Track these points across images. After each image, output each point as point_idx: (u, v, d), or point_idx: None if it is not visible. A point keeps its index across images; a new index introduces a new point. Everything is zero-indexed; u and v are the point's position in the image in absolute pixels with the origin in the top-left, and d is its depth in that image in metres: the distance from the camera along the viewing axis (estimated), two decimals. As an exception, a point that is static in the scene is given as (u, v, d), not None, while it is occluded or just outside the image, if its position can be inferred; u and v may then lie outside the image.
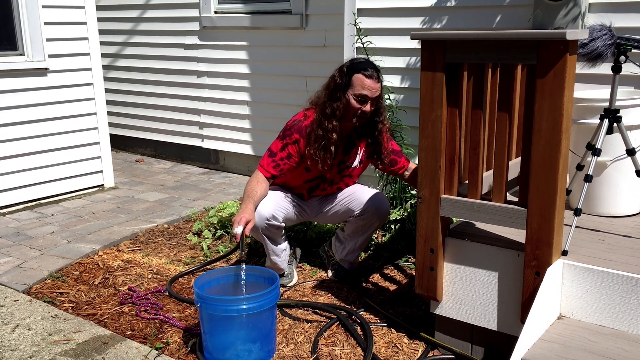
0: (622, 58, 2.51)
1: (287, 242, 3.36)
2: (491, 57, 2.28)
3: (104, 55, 6.27)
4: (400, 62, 4.18)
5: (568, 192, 2.82)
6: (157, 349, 2.74)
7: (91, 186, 5.30)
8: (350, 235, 3.34)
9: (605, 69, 2.77)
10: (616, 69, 2.51)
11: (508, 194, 2.46)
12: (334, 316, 2.99)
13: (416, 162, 2.77)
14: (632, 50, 2.50)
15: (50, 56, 4.87)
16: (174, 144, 6.44)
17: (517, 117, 2.73)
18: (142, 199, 5.05)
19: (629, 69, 3.09)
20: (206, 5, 5.77)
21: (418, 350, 2.70)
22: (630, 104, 2.70)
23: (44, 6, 4.77)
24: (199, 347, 2.72)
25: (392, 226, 3.79)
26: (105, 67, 6.46)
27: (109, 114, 6.45)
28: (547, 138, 2.17)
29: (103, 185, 5.37)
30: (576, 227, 2.51)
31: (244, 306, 2.50)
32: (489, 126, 2.49)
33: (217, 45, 5.81)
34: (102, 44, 6.21)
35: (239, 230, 2.74)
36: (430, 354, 2.68)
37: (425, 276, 2.59)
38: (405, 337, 2.80)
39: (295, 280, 3.44)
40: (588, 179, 2.47)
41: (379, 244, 3.78)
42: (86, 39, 5.09)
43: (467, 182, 2.47)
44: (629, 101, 2.71)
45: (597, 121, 2.59)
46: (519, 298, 2.38)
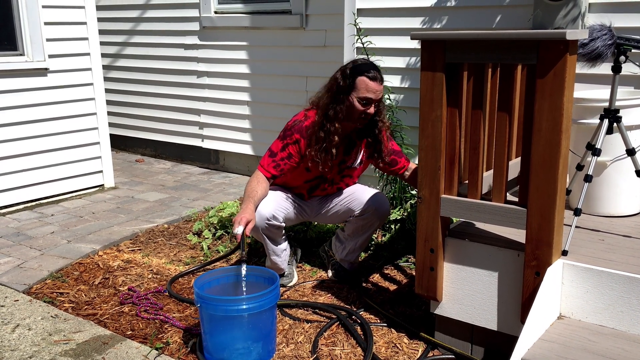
0: (622, 58, 2.51)
1: (287, 242, 3.36)
2: (491, 57, 2.28)
3: (104, 56, 6.27)
4: (400, 62, 4.18)
5: (568, 192, 2.82)
6: (157, 349, 2.74)
7: (91, 186, 5.30)
8: (350, 235, 3.34)
9: (605, 69, 2.77)
10: (616, 69, 2.51)
11: (508, 194, 2.46)
12: (334, 316, 2.99)
13: (416, 162, 2.77)
14: (632, 50, 2.50)
15: (51, 56, 4.87)
16: (174, 144, 6.44)
17: (517, 117, 2.73)
18: (142, 199, 5.05)
19: (629, 69, 3.09)
20: (206, 5, 5.77)
21: (418, 350, 2.70)
22: (630, 104, 2.70)
23: (44, 6, 4.77)
24: (199, 347, 2.72)
25: (392, 226, 3.79)
26: (105, 67, 6.46)
27: (109, 114, 6.45)
28: (547, 138, 2.17)
29: (103, 185, 5.37)
30: (576, 227, 2.51)
31: (244, 306, 2.50)
32: (489, 126, 2.49)
33: (217, 45, 5.81)
34: (102, 44, 6.21)
35: (239, 230, 2.74)
36: (430, 354, 2.68)
37: (425, 276, 2.59)
38: (405, 337, 2.80)
39: (295, 280, 3.44)
40: (588, 179, 2.47)
41: (379, 244, 3.78)
42: (86, 39, 5.09)
43: (467, 182, 2.46)
44: (629, 101, 2.71)
45: (597, 121, 2.59)
46: (519, 298, 2.38)
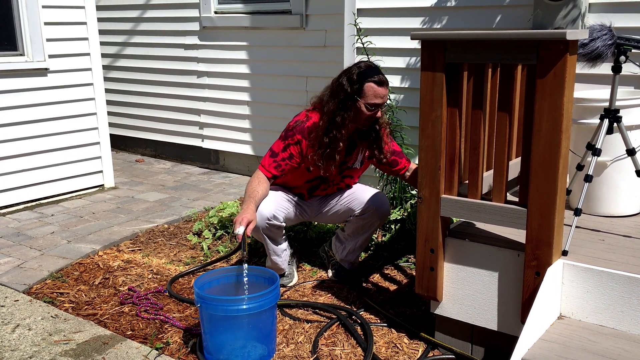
0: (622, 58, 2.51)
1: (287, 242, 3.36)
2: (491, 57, 2.28)
3: (104, 56, 6.27)
4: (400, 62, 4.18)
5: (568, 192, 2.82)
6: (157, 349, 2.74)
7: (91, 186, 5.30)
8: (350, 235, 3.34)
9: (605, 69, 2.77)
10: (616, 69, 2.51)
11: (508, 194, 2.46)
12: (334, 316, 2.99)
13: (416, 162, 2.77)
14: (632, 50, 2.50)
15: (51, 56, 4.87)
16: (174, 144, 6.44)
17: (517, 117, 2.73)
18: (142, 199, 5.05)
19: (629, 69, 3.09)
20: (206, 5, 5.77)
21: (418, 350, 2.70)
22: (630, 104, 2.70)
23: (44, 6, 4.77)
24: (199, 347, 2.72)
25: (392, 226, 3.79)
26: (105, 67, 6.46)
27: (109, 114, 6.46)
28: (547, 138, 2.17)
29: (103, 185, 5.37)
30: (576, 227, 2.51)
31: (244, 306, 2.50)
32: (489, 126, 2.49)
33: (217, 45, 5.81)
34: (102, 44, 6.21)
35: (240, 230, 2.74)
36: (431, 354, 2.68)
37: (425, 276, 2.59)
38: (405, 337, 2.80)
39: (295, 280, 3.44)
40: (588, 179, 2.47)
41: (379, 244, 3.78)
42: (86, 39, 5.09)
43: (467, 182, 2.47)
44: (629, 101, 2.71)
45: (597, 121, 2.59)
46: (519, 298, 2.38)
